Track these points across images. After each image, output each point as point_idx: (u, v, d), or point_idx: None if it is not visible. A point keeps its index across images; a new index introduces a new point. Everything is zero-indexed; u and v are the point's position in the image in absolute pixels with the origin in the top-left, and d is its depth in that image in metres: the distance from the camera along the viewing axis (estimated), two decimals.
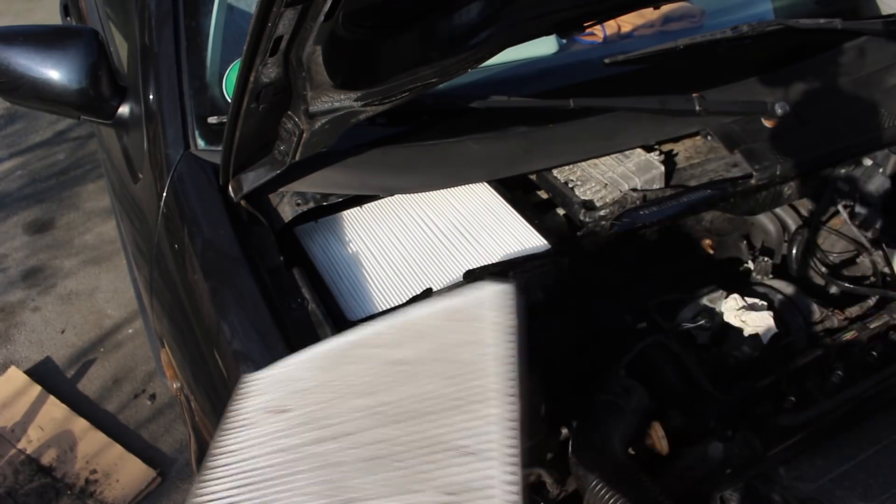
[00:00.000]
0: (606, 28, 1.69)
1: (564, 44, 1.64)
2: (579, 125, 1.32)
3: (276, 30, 0.78)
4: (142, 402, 2.50)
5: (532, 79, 1.44)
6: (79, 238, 3.26)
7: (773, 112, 1.32)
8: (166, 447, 2.35)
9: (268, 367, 0.84)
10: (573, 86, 1.41)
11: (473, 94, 1.28)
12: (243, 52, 0.82)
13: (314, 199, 1.19)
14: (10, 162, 3.79)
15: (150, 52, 1.31)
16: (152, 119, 1.29)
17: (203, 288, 1.05)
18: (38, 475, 2.22)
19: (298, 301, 1.03)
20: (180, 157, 1.22)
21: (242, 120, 0.92)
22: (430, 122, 1.28)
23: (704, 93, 1.35)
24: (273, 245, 1.09)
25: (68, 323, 2.82)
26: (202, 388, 1.11)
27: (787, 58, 1.52)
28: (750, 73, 1.47)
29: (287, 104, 0.96)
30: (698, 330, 1.25)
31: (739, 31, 1.49)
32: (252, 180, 1.08)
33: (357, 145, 1.21)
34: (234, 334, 0.97)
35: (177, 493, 2.22)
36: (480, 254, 1.21)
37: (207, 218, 1.11)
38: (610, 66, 1.46)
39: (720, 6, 1.87)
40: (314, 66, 0.90)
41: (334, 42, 0.90)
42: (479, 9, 1.04)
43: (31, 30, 1.32)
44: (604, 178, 1.27)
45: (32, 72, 1.27)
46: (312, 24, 0.81)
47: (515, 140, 1.27)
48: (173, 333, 1.26)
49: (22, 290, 2.98)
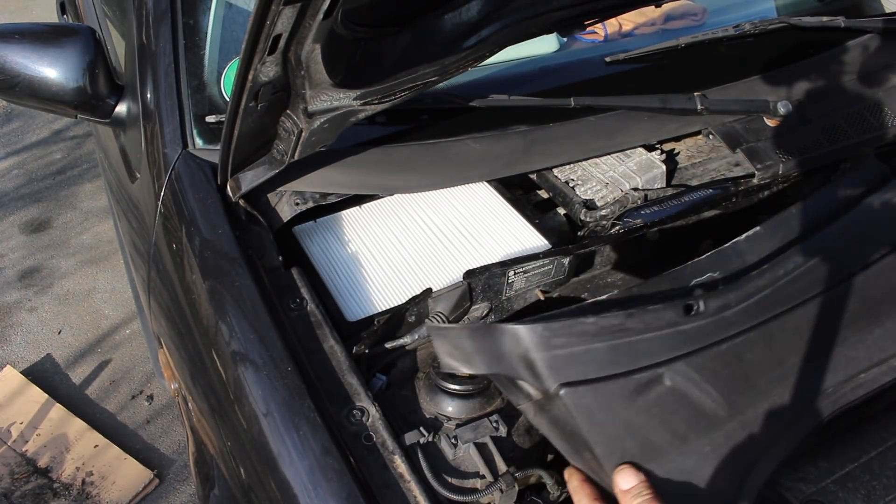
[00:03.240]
0: (607, 26, 1.69)
1: (565, 42, 1.63)
2: (580, 124, 1.31)
3: (275, 28, 0.77)
4: (139, 403, 2.49)
5: (532, 77, 1.43)
6: (76, 238, 3.25)
7: (775, 111, 1.32)
8: (164, 448, 2.34)
9: None
10: (574, 84, 1.40)
11: (473, 92, 1.27)
12: (241, 51, 0.81)
13: (313, 198, 1.19)
14: (7, 161, 3.78)
15: (148, 51, 1.30)
16: (150, 118, 1.28)
17: (201, 288, 1.05)
18: (34, 476, 2.21)
19: (297, 301, 1.02)
20: (178, 157, 1.21)
21: (241, 119, 0.91)
22: (430, 121, 1.27)
23: (706, 91, 1.35)
24: (272, 245, 1.09)
25: (65, 323, 2.81)
26: (200, 388, 1.11)
27: (790, 56, 1.52)
28: (752, 72, 1.47)
29: (286, 103, 0.95)
30: None
31: (741, 30, 1.49)
32: (250, 179, 1.08)
33: (356, 144, 1.20)
34: (233, 334, 0.97)
35: (174, 495, 2.21)
36: (480, 254, 1.20)
37: (205, 217, 1.10)
38: (611, 64, 1.45)
39: (722, 4, 1.86)
40: (313, 65, 0.89)
41: (333, 40, 0.89)
42: (479, 7, 1.03)
43: (28, 28, 1.31)
44: (605, 178, 1.27)
45: (29, 70, 1.27)
46: (311, 23, 0.80)
47: (516, 139, 1.26)
48: (171, 334, 1.25)
49: (18, 290, 2.97)
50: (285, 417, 0.87)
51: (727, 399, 0.76)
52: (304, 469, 0.83)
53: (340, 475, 0.81)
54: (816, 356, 0.80)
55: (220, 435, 1.04)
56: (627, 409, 0.74)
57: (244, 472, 0.95)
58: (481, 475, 0.89)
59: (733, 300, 0.80)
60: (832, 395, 0.79)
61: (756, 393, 0.77)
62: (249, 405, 0.91)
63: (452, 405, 0.95)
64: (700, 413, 0.75)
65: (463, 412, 0.95)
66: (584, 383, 0.73)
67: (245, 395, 0.92)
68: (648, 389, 0.75)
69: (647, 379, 0.75)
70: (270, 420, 0.88)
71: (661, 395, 0.75)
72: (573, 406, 0.73)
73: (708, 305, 0.79)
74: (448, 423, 0.95)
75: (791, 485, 0.93)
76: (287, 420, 0.86)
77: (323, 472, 0.82)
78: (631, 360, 0.75)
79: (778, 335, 0.79)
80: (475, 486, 0.89)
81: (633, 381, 0.74)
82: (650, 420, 0.74)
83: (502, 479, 0.88)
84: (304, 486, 0.83)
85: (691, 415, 0.75)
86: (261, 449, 0.89)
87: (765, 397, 0.78)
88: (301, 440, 0.85)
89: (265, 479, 0.89)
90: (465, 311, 1.14)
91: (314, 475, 0.82)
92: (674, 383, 0.76)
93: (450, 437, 0.92)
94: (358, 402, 0.91)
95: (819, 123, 1.38)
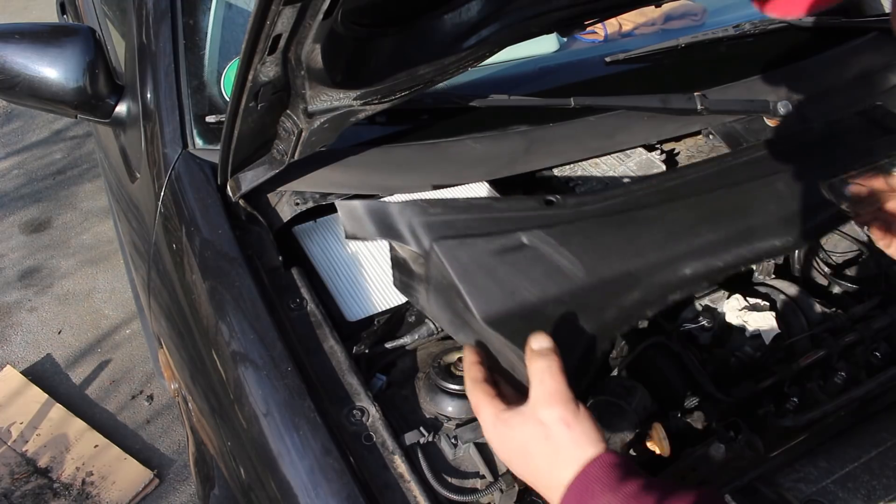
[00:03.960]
0: (607, 26, 1.69)
1: (565, 42, 1.63)
2: (580, 124, 1.31)
3: (275, 28, 0.77)
4: (139, 403, 2.49)
5: (532, 77, 1.43)
6: (76, 238, 3.25)
7: (775, 111, 1.32)
8: (164, 448, 2.34)
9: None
10: (574, 84, 1.40)
11: (473, 92, 1.27)
12: (242, 51, 0.81)
13: (313, 198, 1.18)
14: (7, 161, 3.78)
15: (148, 51, 1.30)
16: (150, 118, 1.28)
17: (201, 288, 1.05)
18: (34, 476, 2.21)
19: (297, 301, 1.02)
20: (178, 157, 1.21)
21: (241, 119, 0.91)
22: (430, 121, 1.27)
23: (706, 91, 1.35)
24: (272, 245, 1.09)
25: (65, 323, 2.81)
26: (200, 388, 1.11)
27: (790, 56, 1.52)
28: (752, 72, 1.47)
29: (286, 103, 0.95)
30: (700, 330, 1.24)
31: (741, 30, 1.49)
32: (250, 179, 1.08)
33: (356, 144, 1.20)
34: (233, 335, 0.97)
35: (174, 495, 2.21)
36: None
37: (205, 217, 1.10)
38: (611, 64, 1.45)
39: (722, 4, 1.86)
40: (313, 65, 0.89)
41: (333, 40, 0.89)
42: (479, 7, 1.03)
43: (28, 28, 1.31)
44: (605, 178, 1.27)
45: (29, 70, 1.27)
46: (311, 22, 0.80)
47: (516, 139, 1.26)
48: (171, 334, 1.25)
49: (18, 290, 2.97)
50: (285, 417, 0.87)
51: (582, 261, 0.87)
52: (304, 469, 0.83)
53: (340, 475, 0.81)
54: (663, 242, 0.93)
55: (220, 435, 1.04)
56: (492, 261, 0.84)
57: (244, 472, 0.95)
58: (481, 475, 0.89)
59: (590, 200, 0.95)
60: (675, 266, 0.92)
61: (608, 261, 0.89)
62: (249, 405, 0.91)
63: (452, 405, 0.95)
64: (556, 270, 0.86)
65: (463, 412, 0.95)
66: (454, 238, 0.86)
67: (245, 395, 0.92)
68: (511, 248, 0.87)
69: (509, 240, 0.87)
70: (270, 420, 0.88)
71: (522, 253, 0.87)
72: (445, 256, 0.84)
73: (566, 200, 0.93)
74: (448, 423, 0.95)
75: (791, 485, 0.93)
76: (287, 420, 0.86)
77: (323, 472, 0.82)
78: (496, 227, 0.88)
79: (628, 224, 0.94)
80: (475, 486, 0.89)
81: (497, 240, 0.87)
82: (513, 273, 0.84)
83: (502, 479, 0.88)
84: (304, 486, 0.83)
85: (549, 270, 0.86)
86: (261, 449, 0.89)
87: (618, 263, 0.89)
88: (301, 440, 0.85)
89: (265, 479, 0.89)
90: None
91: (314, 475, 0.82)
92: (532, 244, 0.87)
93: (450, 437, 0.92)
94: (358, 402, 0.91)
95: (819, 123, 1.38)
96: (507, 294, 0.82)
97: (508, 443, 0.70)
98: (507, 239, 0.87)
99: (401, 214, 0.88)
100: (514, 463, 0.71)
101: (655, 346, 1.19)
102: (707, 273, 0.93)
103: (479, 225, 0.87)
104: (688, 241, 0.94)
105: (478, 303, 0.81)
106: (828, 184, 0.94)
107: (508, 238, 0.87)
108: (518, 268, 0.85)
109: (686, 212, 0.97)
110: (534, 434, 0.68)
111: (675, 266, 0.92)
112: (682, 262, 0.92)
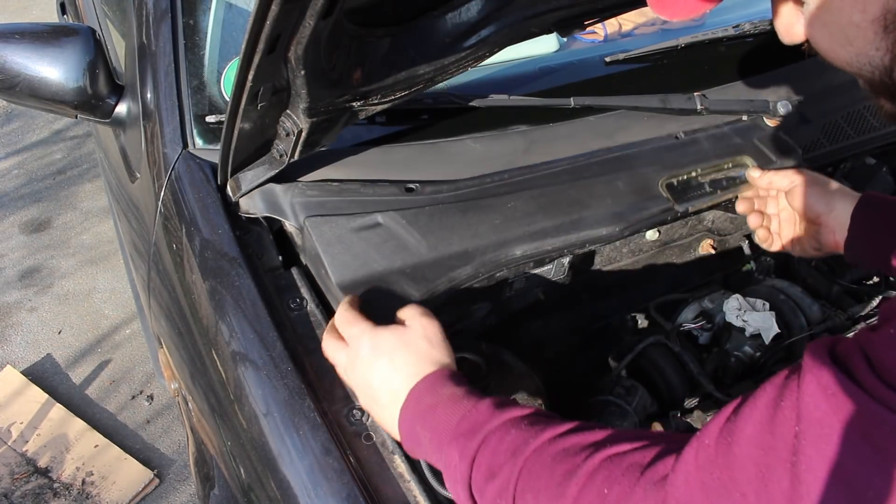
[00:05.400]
0: (607, 26, 1.69)
1: (565, 42, 1.63)
2: (580, 124, 1.31)
3: (275, 28, 0.77)
4: (140, 403, 2.50)
5: (532, 77, 1.43)
6: (76, 238, 3.26)
7: (775, 111, 1.32)
8: (164, 448, 2.34)
9: None
10: (574, 84, 1.40)
11: (473, 92, 1.27)
12: (241, 51, 0.81)
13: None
14: (7, 161, 3.78)
15: (148, 51, 1.30)
16: (150, 118, 1.28)
17: (201, 288, 1.05)
18: (34, 476, 2.21)
19: (297, 301, 1.02)
20: (178, 157, 1.21)
21: (241, 119, 0.91)
22: (430, 121, 1.27)
23: (706, 92, 1.35)
24: (271, 244, 1.09)
25: (65, 323, 2.81)
26: (200, 388, 1.11)
27: (790, 56, 1.52)
28: (752, 72, 1.46)
29: (286, 103, 0.95)
30: (699, 330, 1.24)
31: (741, 30, 1.49)
32: (251, 179, 1.08)
33: (356, 144, 1.20)
34: (233, 334, 0.97)
35: (174, 495, 2.21)
36: None
37: (205, 217, 1.10)
38: (611, 64, 1.45)
39: (722, 4, 1.86)
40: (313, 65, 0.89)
41: (333, 40, 0.89)
42: (479, 7, 1.03)
43: (28, 27, 1.31)
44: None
45: (29, 70, 1.27)
46: (311, 22, 0.80)
47: (515, 139, 1.26)
48: (171, 334, 1.25)
49: (19, 290, 2.97)
50: (285, 417, 0.87)
51: (426, 240, 1.03)
52: (304, 469, 0.83)
53: (340, 475, 0.81)
54: (500, 226, 1.07)
55: (220, 435, 1.04)
56: (351, 237, 1.01)
57: (244, 472, 0.95)
58: None
59: (444, 189, 1.10)
60: (507, 247, 1.06)
61: (448, 240, 1.04)
62: (249, 405, 0.91)
63: None
64: (404, 246, 1.02)
65: None
66: (322, 216, 1.02)
67: (245, 394, 0.92)
68: (368, 226, 1.03)
69: (367, 220, 1.03)
70: (270, 420, 0.88)
71: (377, 231, 1.02)
72: (314, 232, 1.00)
73: (424, 188, 1.09)
74: None
75: None
76: (287, 420, 0.86)
77: (323, 472, 0.82)
78: (360, 208, 1.04)
79: (472, 211, 1.08)
80: None
81: (358, 219, 1.03)
82: (367, 247, 1.00)
83: None
84: (304, 486, 0.83)
85: (397, 246, 1.01)
86: (261, 449, 0.89)
87: (456, 243, 1.04)
88: (301, 440, 0.85)
89: (265, 479, 0.89)
90: (466, 312, 1.15)
91: (314, 475, 0.82)
92: (386, 224, 1.03)
93: None
94: (358, 402, 0.91)
95: (819, 123, 1.38)
96: (360, 264, 0.98)
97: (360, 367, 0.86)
98: (366, 219, 1.03)
99: (284, 194, 1.05)
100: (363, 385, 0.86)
101: (655, 345, 1.20)
102: (535, 254, 1.07)
103: (345, 206, 1.04)
104: (523, 227, 1.08)
105: (335, 270, 0.97)
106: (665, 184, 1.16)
107: (367, 218, 1.03)
108: (371, 243, 1.01)
109: (527, 202, 1.11)
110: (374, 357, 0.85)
111: (507, 247, 1.05)
112: (514, 244, 1.06)
